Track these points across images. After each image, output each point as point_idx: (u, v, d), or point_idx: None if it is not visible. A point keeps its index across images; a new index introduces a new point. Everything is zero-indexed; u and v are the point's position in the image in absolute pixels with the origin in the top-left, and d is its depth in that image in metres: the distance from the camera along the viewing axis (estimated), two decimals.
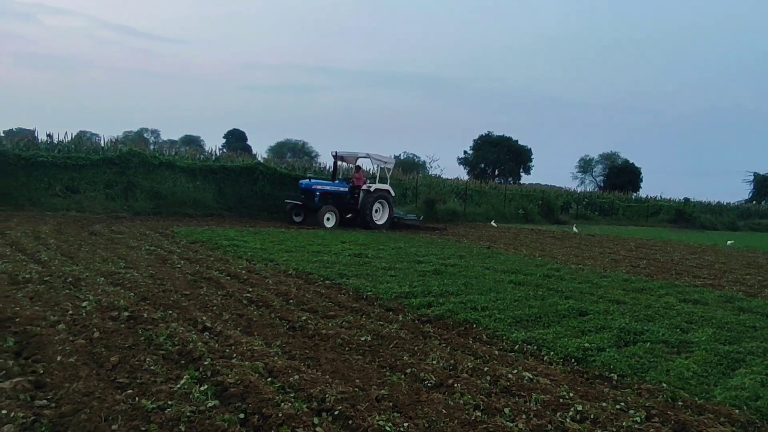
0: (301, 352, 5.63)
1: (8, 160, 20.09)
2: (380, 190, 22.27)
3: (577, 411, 4.49)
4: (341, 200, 21.95)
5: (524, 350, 6.30)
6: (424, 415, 4.21)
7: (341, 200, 21.95)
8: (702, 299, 9.86)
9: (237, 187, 24.26)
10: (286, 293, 8.34)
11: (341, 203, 21.91)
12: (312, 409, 4.21)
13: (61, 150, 22.87)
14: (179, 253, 11.83)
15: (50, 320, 5.95)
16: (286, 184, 25.08)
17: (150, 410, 3.98)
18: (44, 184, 20.56)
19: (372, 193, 21.89)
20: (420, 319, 7.40)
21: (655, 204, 46.68)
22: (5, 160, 20.05)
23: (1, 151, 20.45)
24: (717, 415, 4.75)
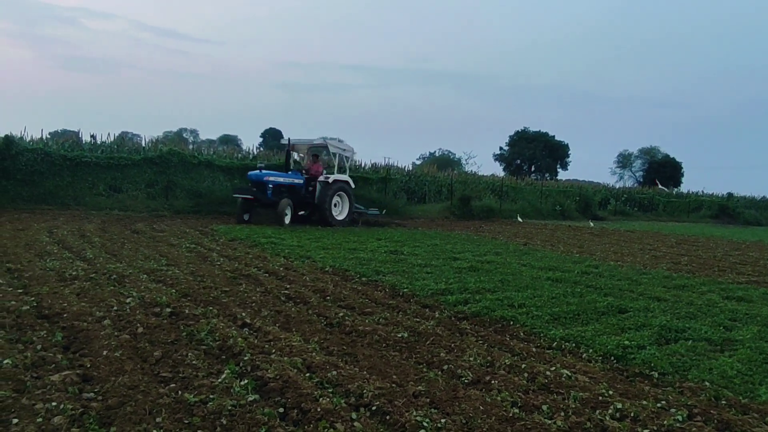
0: (338, 348, 5.68)
1: (54, 161, 20.66)
2: (339, 182, 20.10)
3: (616, 409, 4.45)
4: (297, 193, 19.63)
5: (562, 347, 6.24)
6: (461, 412, 4.21)
7: (297, 193, 19.63)
8: (746, 296, 9.62)
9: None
10: (323, 290, 8.41)
11: (297, 197, 19.59)
12: (350, 404, 4.25)
13: (104, 150, 23.47)
14: (218, 250, 12.02)
15: (96, 316, 6.12)
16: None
17: (192, 404, 4.08)
18: (88, 184, 21.10)
19: (330, 185, 19.63)
20: (456, 316, 7.38)
21: (697, 199, 45.65)
22: (51, 161, 20.62)
23: (47, 152, 20.97)
24: (762, 414, 4.65)
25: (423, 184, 32.48)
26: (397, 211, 27.00)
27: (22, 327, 5.61)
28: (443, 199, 30.55)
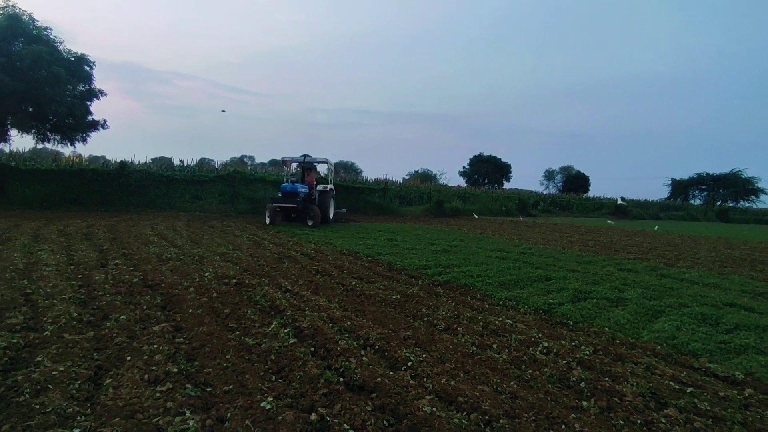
0: (352, 306, 5.67)
1: (154, 178, 20.78)
2: (331, 190, 18.68)
3: (544, 347, 4.45)
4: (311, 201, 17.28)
5: (507, 305, 6.22)
6: (437, 349, 4.21)
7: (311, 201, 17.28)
8: (634, 268, 9.61)
9: None
10: (341, 266, 8.39)
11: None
12: (360, 345, 4.25)
13: (189, 171, 23.46)
14: (269, 239, 11.99)
15: (184, 285, 6.11)
16: (340, 191, 25.23)
17: (251, 345, 4.08)
18: (178, 194, 21.09)
19: (328, 193, 18.17)
20: (433, 283, 7.36)
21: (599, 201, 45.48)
22: (152, 178, 20.71)
23: (150, 172, 21.10)
24: (644, 349, 4.66)
25: (410, 192, 32.36)
26: (392, 211, 26.94)
27: (132, 293, 5.60)
28: (424, 203, 30.42)
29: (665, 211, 46.03)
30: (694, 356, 4.52)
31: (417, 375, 3.64)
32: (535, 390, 3.52)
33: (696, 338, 4.98)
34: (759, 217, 48.72)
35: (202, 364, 3.64)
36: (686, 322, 5.56)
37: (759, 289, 7.87)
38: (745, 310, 6.37)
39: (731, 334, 5.21)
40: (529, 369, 3.90)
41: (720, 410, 3.29)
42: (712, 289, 7.80)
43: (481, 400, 3.17)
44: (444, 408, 3.11)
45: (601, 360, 4.17)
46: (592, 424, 3.00)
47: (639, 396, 3.46)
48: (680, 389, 3.64)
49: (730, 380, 3.98)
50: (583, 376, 3.73)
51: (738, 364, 4.32)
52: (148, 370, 3.43)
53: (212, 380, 3.36)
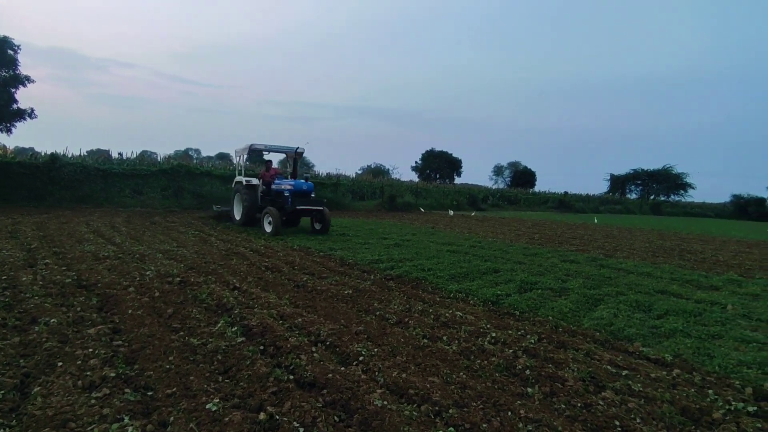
0: (303, 302, 5.59)
1: (90, 172, 19.53)
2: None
3: (492, 337, 4.58)
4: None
5: (457, 297, 6.36)
6: (388, 343, 4.24)
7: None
8: (575, 260, 10.09)
9: None
10: (292, 262, 8.25)
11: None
12: (311, 341, 4.21)
13: (129, 164, 22.24)
14: (216, 235, 11.60)
15: (123, 285, 5.80)
16: None
17: (196, 346, 3.93)
18: (117, 188, 19.93)
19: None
20: (386, 277, 7.39)
21: (545, 196, 47.40)
22: (88, 172, 19.46)
23: (85, 165, 19.85)
24: (585, 336, 4.90)
25: (363, 187, 32.30)
26: (345, 206, 26.83)
27: (65, 294, 5.26)
28: (377, 198, 30.48)
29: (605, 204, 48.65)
30: (629, 341, 4.81)
31: (369, 369, 3.65)
32: (483, 379, 3.63)
33: (631, 324, 5.30)
34: (688, 210, 52.65)
35: (142, 367, 3.47)
36: (622, 309, 5.91)
37: (686, 277, 8.50)
38: (675, 297, 6.87)
39: (662, 320, 5.59)
40: (478, 359, 4.01)
41: (651, 390, 3.52)
42: (646, 277, 8.34)
43: (432, 391, 3.23)
44: (395, 401, 3.14)
45: (545, 348, 4.35)
46: (537, 409, 3.12)
47: (579, 380, 3.65)
48: (616, 372, 3.86)
49: (661, 362, 4.27)
50: (528, 364, 3.88)
51: (667, 347, 4.64)
52: (82, 375, 3.22)
53: (154, 383, 3.22)
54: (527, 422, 2.94)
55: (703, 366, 4.20)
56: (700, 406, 3.30)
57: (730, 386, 3.77)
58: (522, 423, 2.93)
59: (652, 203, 52.82)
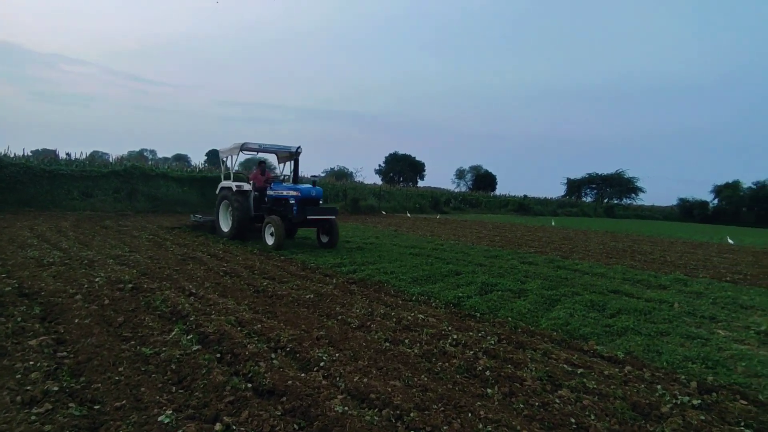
0: (262, 308, 5.48)
1: (35, 173, 18.39)
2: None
3: (453, 339, 4.63)
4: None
5: (419, 300, 6.40)
6: (350, 347, 4.21)
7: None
8: (534, 261, 10.37)
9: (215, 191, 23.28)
10: (251, 266, 8.08)
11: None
12: (270, 348, 4.12)
13: (78, 165, 21.16)
14: (172, 239, 11.21)
15: (69, 293, 5.50)
16: None
17: (148, 355, 3.78)
18: (64, 191, 18.88)
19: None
20: (348, 281, 7.35)
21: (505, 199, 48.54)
22: (33, 173, 18.33)
23: (29, 166, 18.69)
24: (542, 336, 5.03)
25: (326, 190, 32.12)
26: None
27: (4, 304, 4.92)
28: (340, 201, 30.37)
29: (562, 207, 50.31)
30: (584, 340, 4.98)
31: (329, 375, 3.61)
32: (444, 381, 3.65)
33: (586, 323, 5.49)
34: (638, 213, 55.26)
35: (89, 379, 3.29)
36: (578, 309, 6.11)
37: (637, 277, 8.90)
38: (626, 296, 7.17)
39: (614, 318, 5.83)
40: (439, 361, 4.04)
41: (605, 387, 3.66)
42: (600, 278, 8.67)
43: (393, 395, 3.22)
44: (356, 406, 3.11)
45: (505, 348, 4.44)
46: (496, 409, 3.18)
47: (537, 380, 3.74)
48: (572, 371, 3.98)
49: (613, 360, 4.44)
50: (488, 365, 3.94)
51: (620, 345, 4.84)
52: (22, 390, 3.02)
53: (101, 397, 3.06)
54: (487, 423, 2.98)
55: (653, 362, 4.39)
56: (650, 401, 3.44)
57: (677, 381, 3.96)
58: (482, 424, 2.97)
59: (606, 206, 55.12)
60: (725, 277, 9.51)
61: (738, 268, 11.00)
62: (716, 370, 4.27)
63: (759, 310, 6.75)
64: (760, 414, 3.37)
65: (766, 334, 5.48)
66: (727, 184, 56.00)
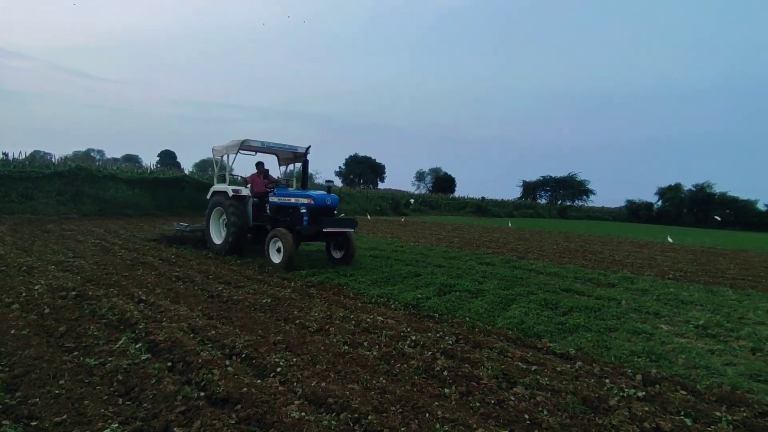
0: (217, 313, 5.33)
1: None
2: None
3: (412, 340, 4.66)
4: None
5: (378, 302, 6.40)
6: (308, 352, 4.16)
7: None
8: (491, 262, 10.61)
9: (168, 193, 22.44)
10: (206, 271, 7.84)
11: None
12: (225, 354, 4.01)
13: (16, 165, 19.84)
14: (120, 244, 10.71)
15: (5, 302, 5.15)
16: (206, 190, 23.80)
17: (92, 366, 3.59)
18: (1, 193, 17.70)
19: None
20: (306, 284, 7.26)
21: (464, 201, 49.46)
22: None
23: None
24: (498, 335, 5.14)
25: None
26: None
27: None
28: None
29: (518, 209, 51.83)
30: (538, 338, 5.14)
31: (286, 380, 3.55)
32: (402, 383, 3.67)
33: (540, 321, 5.67)
34: (590, 214, 57.75)
35: (26, 394, 3.09)
36: (532, 308, 6.30)
37: (588, 276, 9.29)
38: (578, 294, 7.46)
39: (567, 316, 6.05)
40: (398, 363, 4.05)
41: (557, 383, 3.78)
42: (553, 277, 8.98)
43: (351, 398, 3.21)
44: (313, 411, 3.08)
45: (462, 348, 4.51)
46: (453, 408, 3.22)
47: (493, 378, 3.82)
48: (526, 368, 4.10)
49: (565, 356, 4.61)
50: (446, 365, 3.99)
51: (571, 342, 5.03)
52: None
53: (39, 412, 2.87)
54: (444, 422, 3.02)
55: (602, 357, 4.59)
56: (599, 395, 3.60)
57: (624, 374, 4.16)
58: (439, 423, 3.00)
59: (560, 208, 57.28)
60: (668, 275, 10.08)
61: (679, 266, 11.68)
62: (659, 363, 4.51)
63: (698, 305, 7.19)
64: (698, 403, 3.59)
65: (704, 328, 5.85)
66: (670, 186, 59.38)
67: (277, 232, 8.71)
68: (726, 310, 6.87)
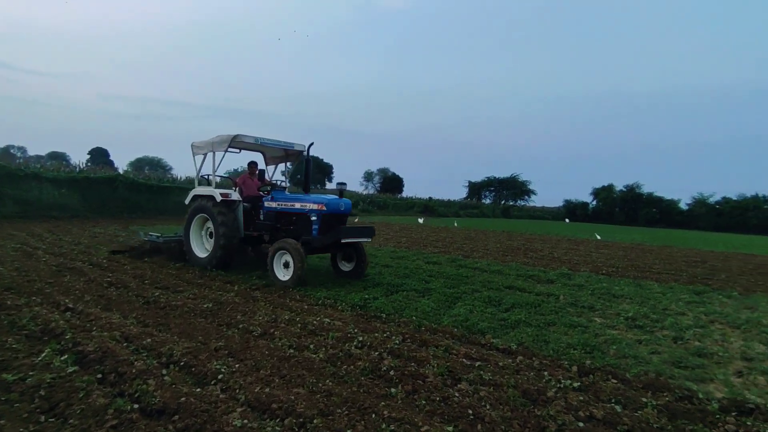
0: (153, 320, 5.08)
1: None
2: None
3: (359, 341, 4.66)
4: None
5: (325, 303, 6.34)
6: (252, 357, 4.06)
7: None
8: (438, 261, 10.82)
9: (99, 194, 21.14)
10: (142, 275, 7.45)
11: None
12: (161, 363, 3.83)
13: None
14: (44, 248, 9.95)
15: None
16: (143, 191, 22.64)
17: (11, 382, 3.31)
18: None
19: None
20: (251, 288, 7.07)
21: (411, 201, 50.11)
22: None
23: None
24: (444, 333, 5.24)
25: None
26: None
27: None
28: None
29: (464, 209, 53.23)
30: (482, 334, 5.29)
31: (228, 387, 3.44)
32: (349, 384, 3.66)
33: (484, 318, 5.85)
34: (531, 213, 60.32)
35: None
36: (477, 306, 6.49)
37: (529, 273, 9.69)
38: (519, 291, 7.77)
39: (509, 312, 6.27)
40: (345, 364, 4.04)
41: (499, 378, 3.92)
42: (497, 275, 9.30)
43: (296, 403, 3.16)
44: (257, 418, 3.00)
45: (409, 347, 4.57)
46: (399, 408, 3.25)
47: (439, 376, 3.90)
48: (470, 364, 4.21)
49: (507, 351, 4.78)
50: (392, 365, 4.02)
51: (513, 337, 5.22)
52: None
53: None
54: (390, 422, 3.04)
55: (541, 351, 4.80)
56: (538, 387, 3.76)
57: (561, 367, 4.37)
58: (385, 423, 3.02)
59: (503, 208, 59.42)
60: (601, 271, 10.72)
61: (612, 262, 12.46)
62: (593, 354, 4.78)
63: (627, 298, 7.69)
64: (627, 390, 3.84)
65: (633, 320, 6.27)
66: (603, 187, 63.10)
67: (285, 244, 7.35)
68: (652, 303, 7.40)
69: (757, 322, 6.39)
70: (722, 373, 4.48)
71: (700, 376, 4.36)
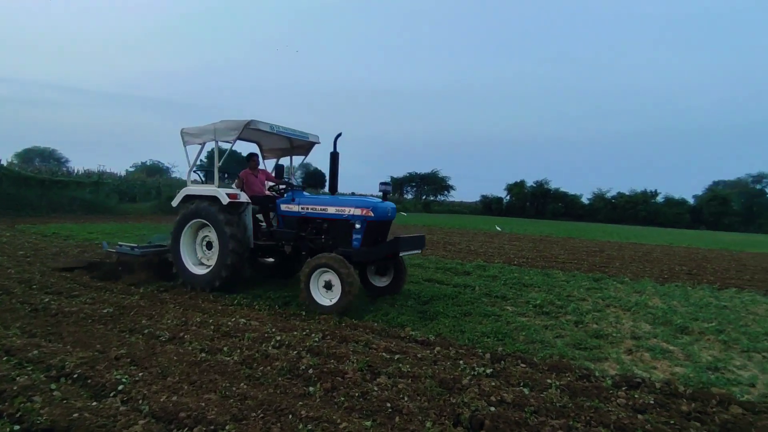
0: (42, 329, 4.57)
1: None
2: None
3: (277, 340, 4.54)
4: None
5: (241, 303, 6.12)
6: (158, 364, 3.80)
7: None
8: None
9: None
10: (29, 280, 6.68)
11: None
12: (50, 377, 3.46)
13: None
14: None
15: None
16: (32, 185, 20.30)
17: None
18: None
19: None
20: (158, 290, 6.63)
21: None
22: None
23: None
24: (365, 328, 5.27)
25: (134, 187, 28.50)
26: (110, 209, 23.24)
27: None
28: (152, 199, 27.30)
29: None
30: (402, 327, 5.39)
31: (130, 399, 3.18)
32: (265, 386, 3.55)
33: (403, 312, 5.97)
34: (450, 208, 62.63)
35: None
36: (397, 299, 6.59)
37: (448, 265, 10.04)
38: (438, 283, 8.02)
39: (428, 305, 6.45)
40: (261, 366, 3.91)
41: (417, 369, 4.01)
42: (417, 268, 9.53)
43: (207, 410, 3.01)
44: (162, 429, 2.81)
45: (329, 344, 4.53)
46: (317, 406, 3.21)
47: (358, 371, 3.90)
48: (390, 358, 4.27)
49: (426, 343, 4.91)
50: (311, 363, 3.97)
51: (431, 328, 5.37)
52: None
53: None
54: (308, 422, 2.99)
55: (457, 341, 4.99)
56: (453, 376, 3.90)
57: (475, 355, 4.57)
58: (302, 424, 2.96)
59: (424, 203, 61.06)
60: (513, 262, 11.40)
61: (522, 254, 13.29)
62: (505, 341, 5.06)
63: (536, 287, 8.25)
64: (534, 374, 4.11)
65: (540, 307, 6.72)
66: (516, 183, 67.13)
67: (327, 260, 5.86)
68: (557, 290, 8.00)
69: (644, 304, 7.15)
70: (615, 352, 4.95)
71: (597, 356, 4.78)
